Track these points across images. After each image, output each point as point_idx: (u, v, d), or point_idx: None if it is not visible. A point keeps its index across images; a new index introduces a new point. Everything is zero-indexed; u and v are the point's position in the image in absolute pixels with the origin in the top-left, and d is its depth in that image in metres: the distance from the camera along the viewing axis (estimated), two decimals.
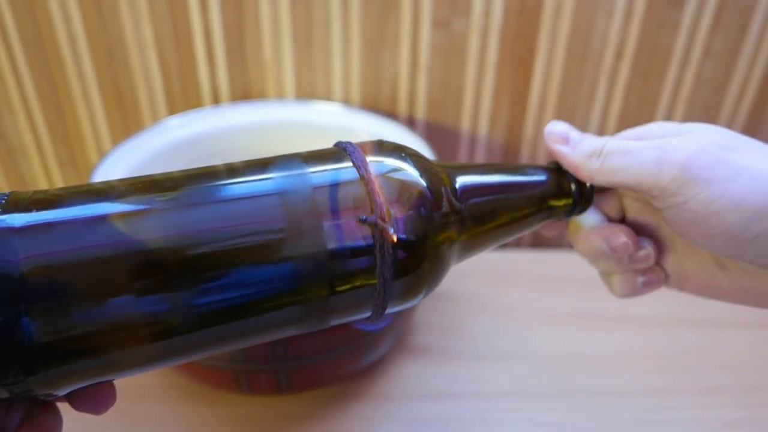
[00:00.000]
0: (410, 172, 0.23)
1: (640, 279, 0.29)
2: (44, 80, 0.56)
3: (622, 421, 0.41)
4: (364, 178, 0.22)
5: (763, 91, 0.57)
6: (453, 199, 0.24)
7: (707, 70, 0.56)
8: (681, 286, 0.29)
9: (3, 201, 0.18)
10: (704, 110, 0.59)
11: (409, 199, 0.22)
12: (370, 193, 0.21)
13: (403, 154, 0.23)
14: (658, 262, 0.30)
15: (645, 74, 0.56)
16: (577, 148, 0.27)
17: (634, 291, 0.29)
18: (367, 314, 0.23)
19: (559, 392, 0.44)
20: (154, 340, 0.19)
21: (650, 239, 0.29)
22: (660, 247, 0.29)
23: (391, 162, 0.23)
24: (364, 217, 0.21)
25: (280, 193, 0.20)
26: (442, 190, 0.23)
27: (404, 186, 0.22)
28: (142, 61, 0.55)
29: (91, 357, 0.18)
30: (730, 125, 0.59)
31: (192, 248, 0.19)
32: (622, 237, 0.28)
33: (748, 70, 0.56)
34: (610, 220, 0.31)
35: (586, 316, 0.51)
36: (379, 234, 0.21)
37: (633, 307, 0.52)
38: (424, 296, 0.24)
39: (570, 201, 0.28)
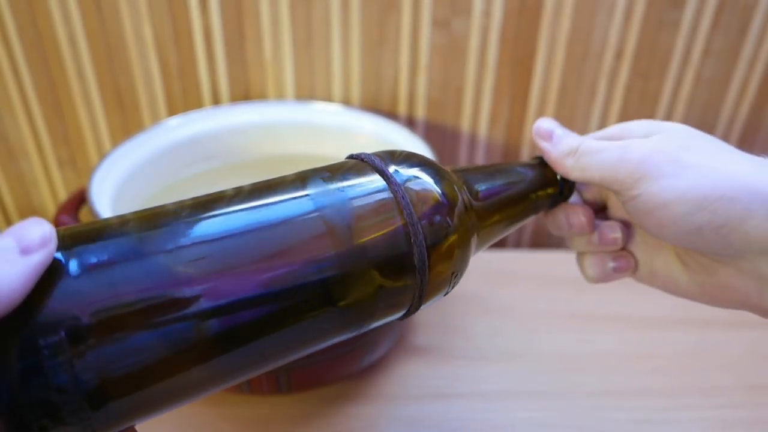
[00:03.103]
0: (430, 180, 0.24)
1: (611, 264, 0.31)
2: (44, 80, 0.56)
3: (622, 421, 0.41)
4: (393, 189, 0.23)
5: (763, 91, 0.57)
6: (469, 200, 0.26)
7: (707, 70, 0.56)
8: (650, 281, 0.31)
9: None
10: (704, 110, 0.59)
11: (433, 204, 0.23)
12: (401, 202, 0.23)
13: (420, 162, 0.25)
14: (629, 250, 0.32)
15: (645, 74, 0.56)
16: (557, 146, 0.29)
17: (604, 274, 0.31)
18: (402, 313, 0.25)
19: (559, 392, 0.44)
20: (219, 360, 0.19)
21: (623, 225, 0.31)
22: (632, 236, 0.32)
23: (412, 171, 0.24)
24: (401, 229, 0.22)
25: (317, 211, 0.21)
26: (459, 193, 0.25)
27: (427, 193, 0.24)
28: (142, 61, 0.55)
29: (160, 387, 0.18)
30: (730, 125, 0.59)
31: (244, 272, 0.19)
32: (580, 216, 0.31)
33: (748, 70, 0.56)
34: (587, 203, 0.34)
35: (586, 316, 0.51)
36: (415, 240, 0.22)
37: (633, 307, 0.52)
38: (449, 290, 0.26)
39: (557, 190, 0.31)
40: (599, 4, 0.53)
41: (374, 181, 0.23)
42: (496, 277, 0.56)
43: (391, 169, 0.24)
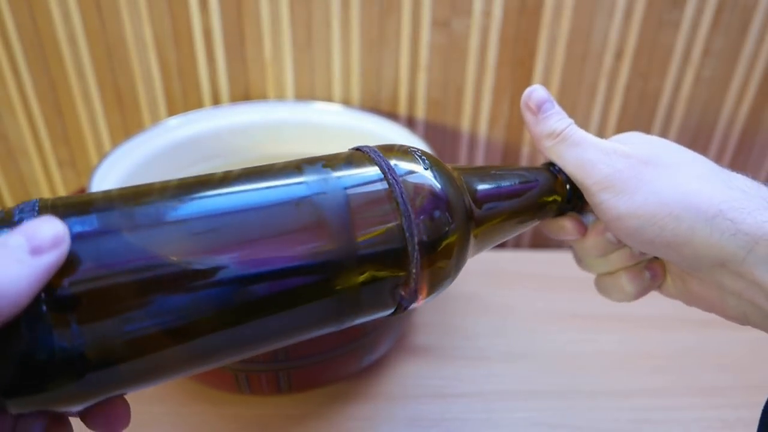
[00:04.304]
0: (430, 175, 0.24)
1: (647, 273, 0.31)
2: (44, 80, 0.56)
3: (622, 421, 0.41)
4: (390, 182, 0.22)
5: (763, 91, 0.57)
6: (469, 199, 0.25)
7: (707, 70, 0.56)
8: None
9: (36, 209, 0.18)
10: (704, 110, 0.59)
11: (431, 200, 0.23)
12: (398, 196, 0.22)
13: (422, 157, 0.24)
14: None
15: (645, 74, 0.56)
16: (541, 123, 0.29)
17: (643, 286, 0.31)
18: (392, 309, 0.24)
19: (559, 392, 0.44)
20: (198, 339, 0.19)
21: None
22: None
23: (412, 165, 0.24)
24: (396, 223, 0.22)
25: (313, 199, 0.21)
26: (459, 191, 0.25)
27: (426, 188, 0.23)
28: (142, 61, 0.55)
29: (142, 361, 0.18)
30: (730, 125, 0.59)
31: (233, 250, 0.19)
32: None
33: (748, 70, 0.56)
34: None
35: (586, 316, 0.51)
36: (410, 235, 0.22)
37: (633, 307, 0.52)
38: (444, 289, 0.25)
39: (564, 199, 0.30)
40: (599, 4, 0.53)
41: (372, 172, 0.23)
42: (496, 277, 0.56)
43: (391, 161, 0.23)
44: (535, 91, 0.30)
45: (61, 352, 0.16)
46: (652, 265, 0.31)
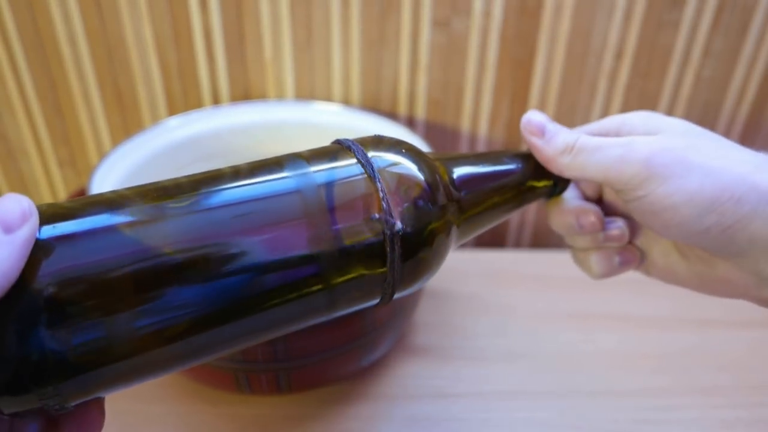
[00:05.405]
0: (411, 166, 0.24)
1: (617, 258, 0.30)
2: (44, 80, 0.56)
3: (622, 421, 0.41)
4: (369, 174, 0.23)
5: (763, 91, 0.57)
6: (450, 189, 0.25)
7: (707, 70, 0.56)
8: (648, 272, 0.31)
9: None
10: (704, 110, 0.59)
11: (411, 191, 0.23)
12: (376, 187, 0.22)
13: (402, 149, 0.25)
14: (633, 242, 0.31)
15: (645, 74, 0.56)
16: (551, 142, 0.28)
17: (611, 270, 0.30)
18: (377, 300, 0.24)
19: (559, 392, 0.44)
20: (190, 334, 0.19)
21: (625, 220, 0.31)
22: (634, 228, 0.31)
23: (392, 157, 0.24)
24: (375, 214, 0.22)
25: (292, 193, 0.21)
26: (440, 181, 0.25)
27: (406, 179, 0.23)
28: (142, 61, 0.55)
29: (127, 363, 0.18)
30: (730, 125, 0.59)
31: (214, 250, 0.19)
32: (591, 217, 0.29)
33: (748, 70, 0.56)
34: (587, 198, 0.32)
35: (586, 316, 0.51)
36: (388, 227, 0.22)
37: (633, 307, 0.52)
38: (428, 280, 0.25)
39: (551, 182, 0.30)
40: (599, 4, 0.53)
41: (352, 165, 0.23)
42: (496, 277, 0.56)
43: (371, 154, 0.23)
44: (533, 116, 0.29)
45: (52, 353, 0.16)
46: (624, 251, 0.30)
